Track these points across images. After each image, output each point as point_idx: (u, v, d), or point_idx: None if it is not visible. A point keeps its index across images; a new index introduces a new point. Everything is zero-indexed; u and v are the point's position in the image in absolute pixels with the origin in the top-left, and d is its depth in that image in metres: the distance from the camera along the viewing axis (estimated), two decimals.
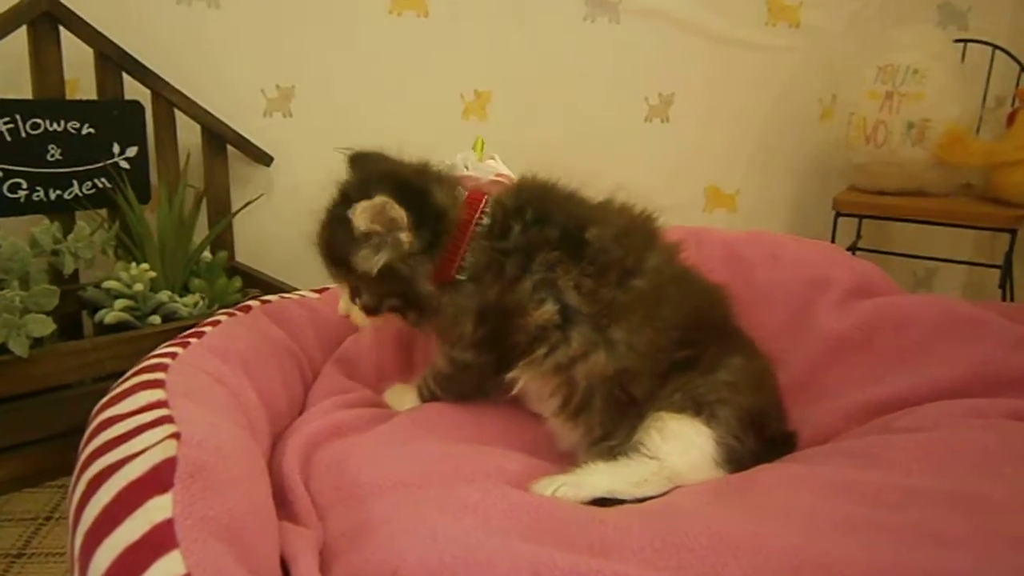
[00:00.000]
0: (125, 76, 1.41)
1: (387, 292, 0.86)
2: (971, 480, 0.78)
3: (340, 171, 1.68)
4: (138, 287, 1.22)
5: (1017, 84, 1.60)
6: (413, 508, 0.75)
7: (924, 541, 0.68)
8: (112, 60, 1.38)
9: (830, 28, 1.74)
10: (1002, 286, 1.46)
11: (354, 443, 0.89)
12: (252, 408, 0.88)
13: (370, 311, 0.88)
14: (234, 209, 1.58)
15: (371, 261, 0.82)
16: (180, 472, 0.63)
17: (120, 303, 1.21)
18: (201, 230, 1.49)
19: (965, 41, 1.63)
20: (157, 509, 0.59)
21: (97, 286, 1.28)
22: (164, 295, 1.26)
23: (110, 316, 1.20)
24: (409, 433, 0.93)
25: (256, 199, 1.61)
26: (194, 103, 1.48)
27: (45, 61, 1.31)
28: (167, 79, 1.45)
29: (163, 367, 0.83)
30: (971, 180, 1.56)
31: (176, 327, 1.19)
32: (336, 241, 0.85)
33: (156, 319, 1.24)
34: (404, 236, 0.81)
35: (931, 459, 0.83)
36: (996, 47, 1.61)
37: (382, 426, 0.93)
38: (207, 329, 0.97)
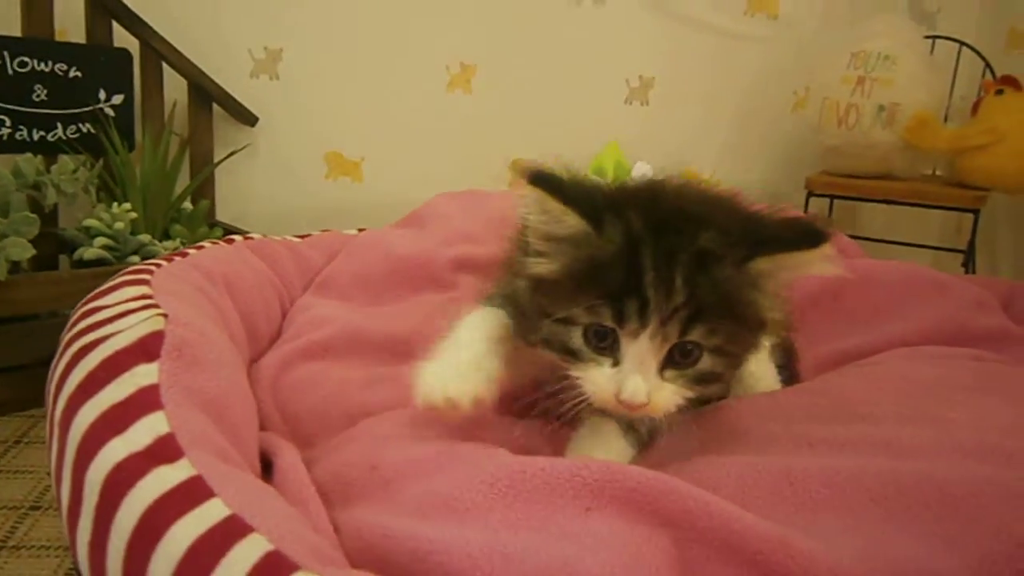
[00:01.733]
0: (116, 25, 1.42)
1: (745, 349, 0.69)
2: (923, 402, 0.81)
3: (324, 136, 1.71)
4: (119, 226, 1.22)
5: (982, 78, 1.67)
6: (395, 421, 0.77)
7: (880, 450, 0.71)
8: (102, 6, 1.39)
9: (806, 20, 1.81)
10: (965, 265, 1.52)
11: (342, 375, 0.90)
12: (233, 324, 0.89)
13: (711, 379, 0.66)
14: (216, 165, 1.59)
15: (779, 311, 0.66)
16: (167, 345, 0.64)
17: (100, 240, 1.21)
18: (183, 185, 1.49)
19: (934, 37, 1.70)
20: (143, 375, 0.61)
21: (77, 229, 1.28)
22: (144, 237, 1.26)
23: (89, 252, 1.20)
24: (390, 360, 0.94)
25: (242, 148, 1.62)
26: (183, 56, 1.49)
27: (35, 1, 1.32)
28: (158, 30, 1.46)
29: (148, 271, 0.84)
30: (938, 168, 1.62)
31: None
32: (723, 281, 0.61)
33: (135, 259, 1.24)
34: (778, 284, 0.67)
35: (884, 386, 0.87)
36: (963, 44, 1.68)
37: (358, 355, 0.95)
38: (191, 251, 0.98)
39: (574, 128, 1.76)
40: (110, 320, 0.68)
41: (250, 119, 1.62)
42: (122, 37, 1.44)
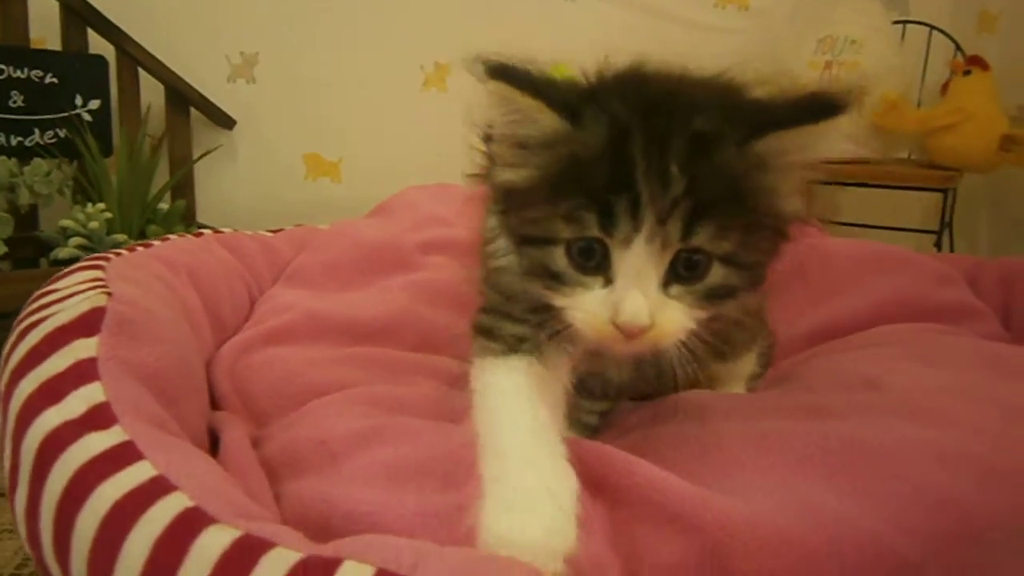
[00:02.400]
0: (91, 33, 1.45)
1: (759, 256, 0.56)
2: (860, 369, 0.83)
3: (302, 137, 1.74)
4: (93, 225, 1.24)
5: (953, 60, 1.67)
6: (346, 400, 0.79)
7: (812, 415, 0.71)
8: (77, 13, 1.42)
9: (777, 10, 1.82)
10: (937, 245, 1.52)
11: (299, 357, 0.92)
12: (195, 311, 0.91)
13: (724, 295, 0.55)
14: (196, 169, 1.62)
15: (795, 202, 0.55)
16: (107, 321, 0.66)
17: (75, 240, 1.24)
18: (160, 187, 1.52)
19: (905, 22, 1.71)
20: (82, 348, 0.63)
21: (55, 231, 1.30)
22: (120, 237, 1.29)
23: (64, 251, 1.23)
24: (352, 344, 0.96)
25: (215, 149, 1.65)
26: (158, 62, 1.52)
27: (11, 9, 1.35)
28: (134, 37, 1.49)
29: (106, 259, 0.86)
30: (911, 150, 1.63)
31: None
32: (727, 169, 0.52)
33: None
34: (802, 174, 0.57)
35: (828, 364, 0.89)
36: (933, 27, 1.69)
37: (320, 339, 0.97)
38: (155, 242, 1.00)
39: None
40: (58, 301, 0.70)
41: (228, 123, 1.65)
42: (99, 44, 1.47)
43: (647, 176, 0.50)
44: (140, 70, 1.51)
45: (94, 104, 1.45)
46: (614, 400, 0.77)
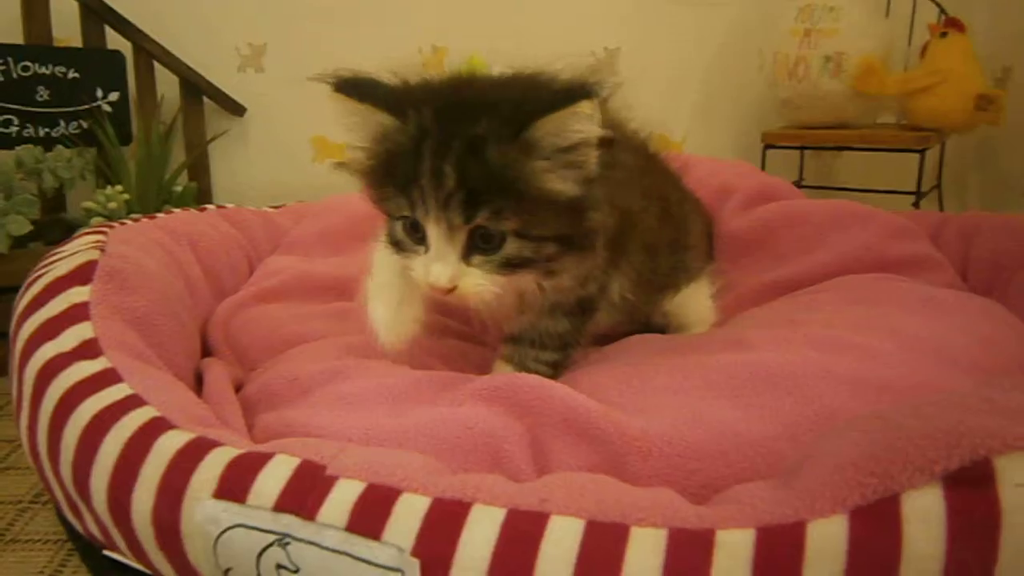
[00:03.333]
0: (108, 31, 1.57)
1: (558, 230, 0.67)
2: (788, 312, 0.89)
3: (309, 122, 1.84)
4: (112, 205, 1.35)
5: (938, 22, 1.69)
6: (322, 347, 0.87)
7: (729, 348, 0.77)
8: (95, 12, 1.53)
9: None
10: (915, 205, 1.55)
11: (287, 312, 1.01)
12: (193, 275, 1.00)
13: (517, 265, 0.67)
14: (211, 154, 1.73)
15: (567, 179, 0.65)
16: (99, 271, 0.76)
17: (95, 220, 1.35)
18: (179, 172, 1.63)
19: None
20: (76, 294, 0.73)
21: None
22: (137, 216, 1.39)
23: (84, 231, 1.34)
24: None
25: (222, 134, 1.76)
26: (172, 55, 1.63)
27: (34, 11, 1.47)
28: (148, 32, 1.60)
29: (110, 226, 0.96)
30: (890, 113, 1.66)
31: None
32: (494, 159, 0.63)
33: None
34: (592, 156, 0.66)
35: (766, 311, 0.95)
36: None
37: (308, 297, 1.06)
38: (159, 215, 1.10)
39: None
40: (61, 259, 0.81)
41: (239, 110, 1.76)
42: (115, 40, 1.58)
43: (429, 172, 0.64)
44: (155, 64, 1.62)
45: (113, 96, 1.56)
46: (566, 350, 0.84)
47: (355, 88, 0.68)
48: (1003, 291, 1.05)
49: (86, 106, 1.52)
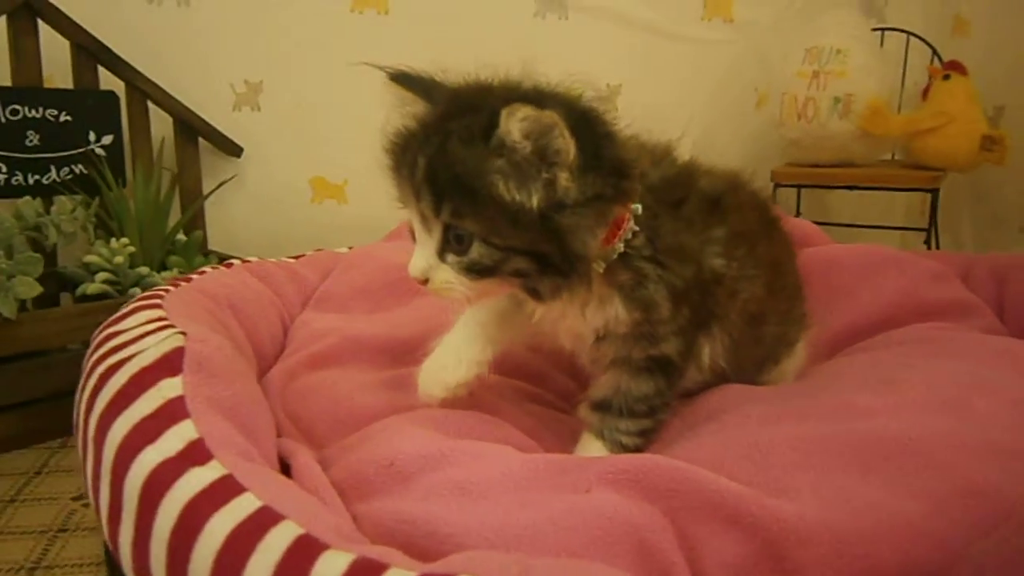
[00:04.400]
0: (101, 69, 1.48)
1: (525, 245, 0.66)
2: (879, 371, 0.88)
3: (307, 162, 1.77)
4: (119, 260, 1.27)
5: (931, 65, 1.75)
6: (409, 420, 0.82)
7: (840, 415, 0.76)
8: (87, 51, 1.44)
9: (761, 21, 1.89)
10: (927, 243, 1.60)
11: (348, 380, 0.95)
12: (240, 342, 0.94)
13: (481, 271, 0.67)
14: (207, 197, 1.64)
15: (526, 190, 0.64)
16: (188, 361, 0.69)
17: (101, 275, 1.27)
18: (175, 218, 1.55)
19: (883, 29, 1.79)
20: (169, 388, 0.66)
21: (77, 266, 1.33)
22: (143, 270, 1.31)
23: (92, 287, 1.25)
24: (393, 363, 1.00)
25: (230, 179, 1.68)
26: (167, 94, 1.55)
27: (24, 50, 1.38)
28: (141, 71, 1.52)
29: (159, 296, 0.90)
30: (895, 151, 1.70)
31: None
32: (456, 156, 0.64)
33: (136, 291, 1.29)
34: (564, 177, 0.64)
35: (845, 368, 0.94)
36: (911, 34, 1.77)
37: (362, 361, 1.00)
38: (194, 276, 1.04)
39: None
40: (132, 341, 0.74)
41: (235, 150, 1.68)
42: (108, 80, 1.49)
43: (410, 163, 0.67)
44: (149, 103, 1.53)
45: (107, 139, 1.47)
46: (655, 416, 0.82)
47: (407, 78, 0.73)
48: None
49: (79, 150, 1.43)
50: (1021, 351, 0.91)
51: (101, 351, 0.75)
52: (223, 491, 0.57)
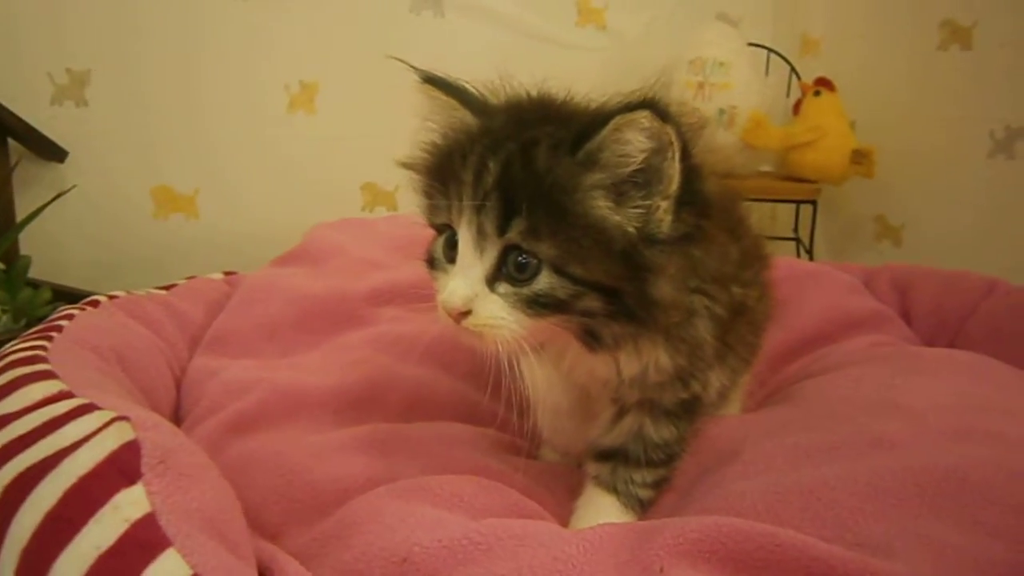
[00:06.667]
0: None
1: (608, 279, 0.57)
2: (880, 393, 0.86)
3: (148, 168, 1.49)
4: None
5: (788, 81, 1.84)
6: (400, 496, 0.67)
7: (874, 450, 0.73)
8: None
9: (630, 32, 1.89)
10: (808, 253, 1.67)
11: (293, 446, 0.77)
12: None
13: (547, 306, 0.57)
14: (19, 215, 1.32)
15: (624, 214, 0.56)
16: (147, 459, 0.50)
17: None
18: None
19: (749, 45, 1.85)
20: (130, 505, 0.47)
21: None
22: None
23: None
24: (339, 419, 0.83)
25: (68, 190, 1.36)
26: None
27: None
28: None
29: (38, 359, 0.67)
30: (770, 165, 1.77)
31: None
32: (543, 165, 0.56)
33: None
34: (663, 207, 0.57)
35: (839, 391, 0.91)
36: (771, 51, 1.85)
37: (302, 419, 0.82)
38: (63, 323, 0.80)
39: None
40: (39, 433, 0.53)
41: (58, 154, 1.37)
42: None
43: (473, 167, 0.57)
44: None
45: None
46: (671, 464, 0.74)
47: (442, 83, 0.65)
48: (950, 341, 1.14)
49: None
50: (990, 367, 0.92)
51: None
52: None
